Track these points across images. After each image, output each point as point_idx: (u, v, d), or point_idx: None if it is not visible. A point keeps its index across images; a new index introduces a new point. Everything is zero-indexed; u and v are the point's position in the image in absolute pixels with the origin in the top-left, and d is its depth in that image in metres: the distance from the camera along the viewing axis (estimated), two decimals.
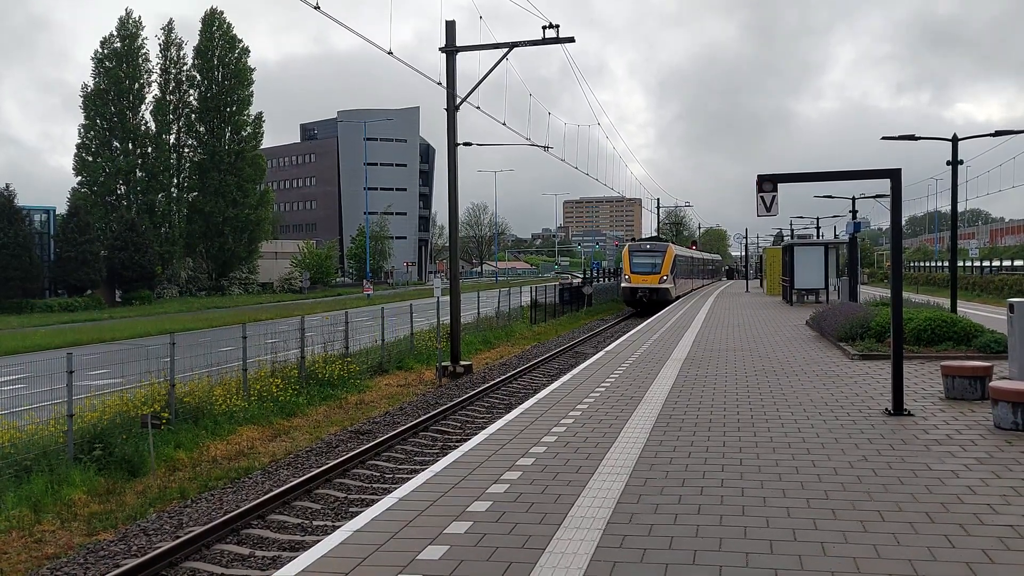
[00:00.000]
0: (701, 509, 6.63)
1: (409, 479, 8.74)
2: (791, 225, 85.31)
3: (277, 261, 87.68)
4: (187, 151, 73.81)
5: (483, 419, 15.87)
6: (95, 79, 68.28)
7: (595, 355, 18.61)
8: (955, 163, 23.69)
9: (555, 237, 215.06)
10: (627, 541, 5.91)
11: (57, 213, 61.41)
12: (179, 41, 73.54)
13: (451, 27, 22.77)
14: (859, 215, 40.31)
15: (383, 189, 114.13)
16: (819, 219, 71.46)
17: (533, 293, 39.44)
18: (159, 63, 72.33)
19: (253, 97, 75.80)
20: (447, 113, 23.16)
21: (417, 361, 23.84)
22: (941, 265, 66.45)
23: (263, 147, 79.95)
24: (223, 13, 75.61)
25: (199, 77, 73.79)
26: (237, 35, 75.63)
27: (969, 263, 59.84)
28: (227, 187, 72.16)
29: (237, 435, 14.69)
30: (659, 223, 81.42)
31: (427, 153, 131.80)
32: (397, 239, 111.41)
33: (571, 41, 22.94)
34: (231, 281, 75.83)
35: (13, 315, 48.54)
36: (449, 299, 23.71)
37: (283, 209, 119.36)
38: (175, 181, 73.16)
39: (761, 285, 62.12)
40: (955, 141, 23.65)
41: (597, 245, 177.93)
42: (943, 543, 5.74)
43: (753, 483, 7.37)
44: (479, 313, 33.95)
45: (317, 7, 14.36)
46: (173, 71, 72.98)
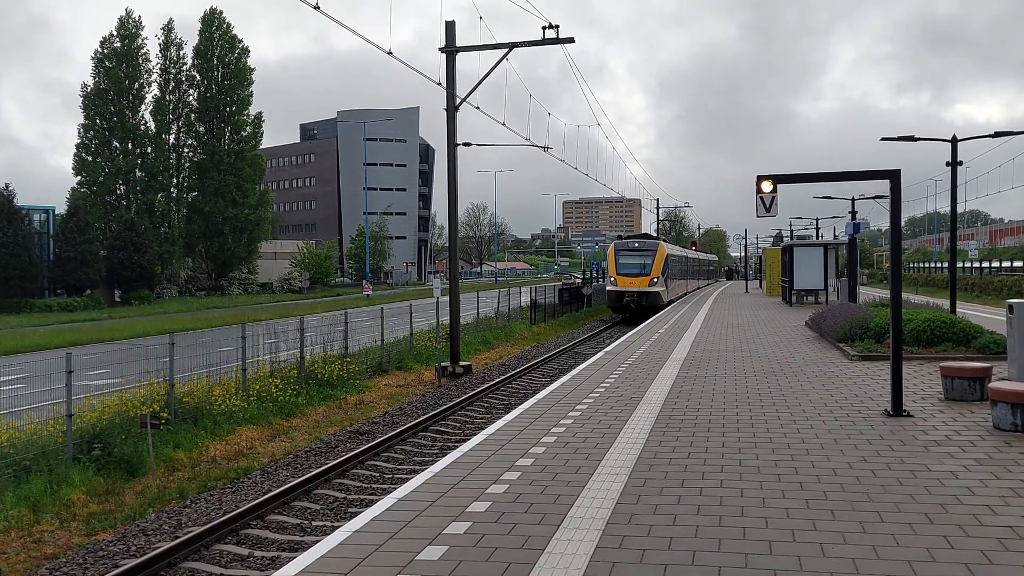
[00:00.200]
0: (700, 510, 6.63)
1: (408, 479, 8.74)
2: (791, 226, 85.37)
3: (276, 261, 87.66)
4: (187, 151, 73.85)
5: (482, 419, 15.87)
6: (95, 79, 68.32)
7: (594, 356, 18.62)
8: (954, 164, 23.71)
9: (554, 237, 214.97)
10: (626, 542, 5.91)
11: (56, 213, 61.43)
12: (179, 41, 73.65)
13: (451, 27, 22.78)
14: (858, 216, 40.31)
15: (383, 189, 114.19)
16: (818, 220, 71.44)
17: (532, 293, 39.42)
18: (159, 63, 72.45)
19: (253, 97, 75.91)
20: (447, 113, 23.16)
21: (416, 361, 23.84)
22: (940, 266, 66.47)
23: (263, 147, 79.97)
24: (223, 13, 75.70)
25: (199, 77, 73.79)
26: (237, 35, 75.73)
27: (968, 264, 59.88)
28: (227, 187, 72.15)
29: (236, 435, 14.69)
30: (658, 223, 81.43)
31: (427, 153, 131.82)
32: (397, 239, 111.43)
33: (571, 41, 22.96)
34: (230, 281, 75.81)
35: (12, 315, 48.53)
36: (448, 299, 23.72)
37: (283, 209, 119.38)
38: (175, 181, 73.18)
39: (760, 286, 62.19)
40: (954, 142, 23.67)
41: (596, 245, 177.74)
42: (942, 544, 5.74)
43: (752, 484, 7.37)
44: (478, 313, 33.95)
45: (317, 7, 14.37)
46: (173, 71, 73.03)
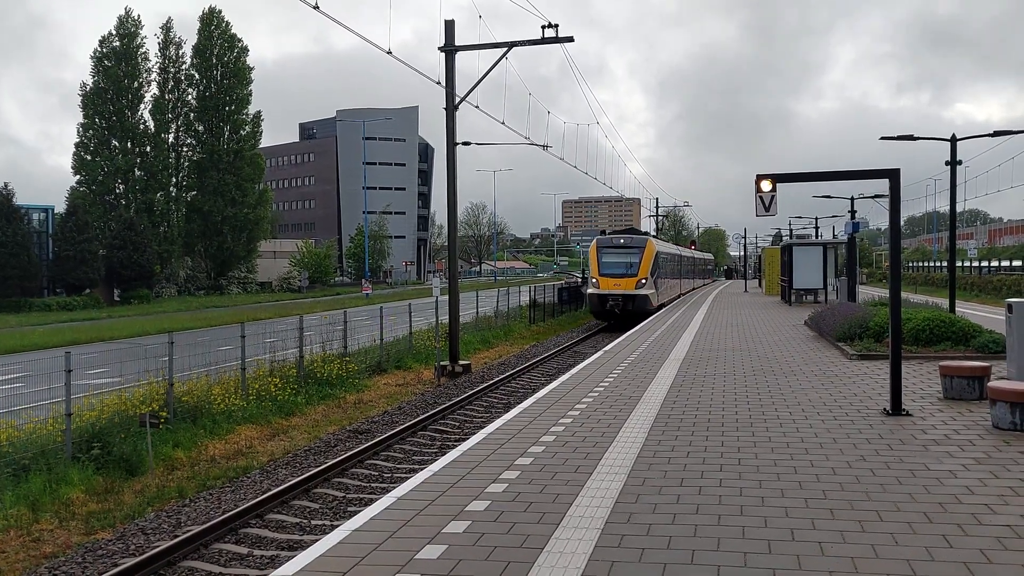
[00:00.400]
0: (699, 509, 6.63)
1: (408, 478, 8.73)
2: (790, 225, 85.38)
3: (276, 260, 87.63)
4: (186, 150, 73.81)
5: (482, 418, 15.87)
6: (94, 78, 68.26)
7: (594, 355, 18.61)
8: (954, 163, 23.71)
9: (554, 237, 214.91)
10: (625, 541, 5.91)
11: (56, 212, 61.40)
12: (178, 40, 73.56)
13: (450, 26, 22.77)
14: (858, 215, 40.36)
15: (382, 188, 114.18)
16: (818, 219, 71.52)
17: (532, 293, 39.40)
18: (158, 62, 72.40)
19: (252, 96, 75.77)
20: (446, 112, 23.15)
21: (416, 360, 23.84)
22: (940, 265, 66.49)
23: (262, 146, 79.91)
24: (221, 12, 75.60)
25: (198, 76, 73.72)
26: (236, 34, 75.65)
27: (968, 263, 59.90)
28: (226, 186, 72.11)
29: (235, 434, 14.69)
30: (658, 222, 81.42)
31: (426, 152, 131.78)
32: (396, 238, 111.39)
33: (570, 41, 22.96)
34: (230, 280, 75.78)
35: (11, 314, 48.52)
36: (448, 298, 23.72)
37: (282, 208, 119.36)
38: (174, 180, 73.18)
39: (760, 285, 62.19)
40: (954, 141, 23.67)
41: None
42: (941, 543, 5.75)
43: (751, 483, 7.37)
44: (478, 313, 33.95)
45: (316, 7, 14.35)
46: (172, 70, 72.98)
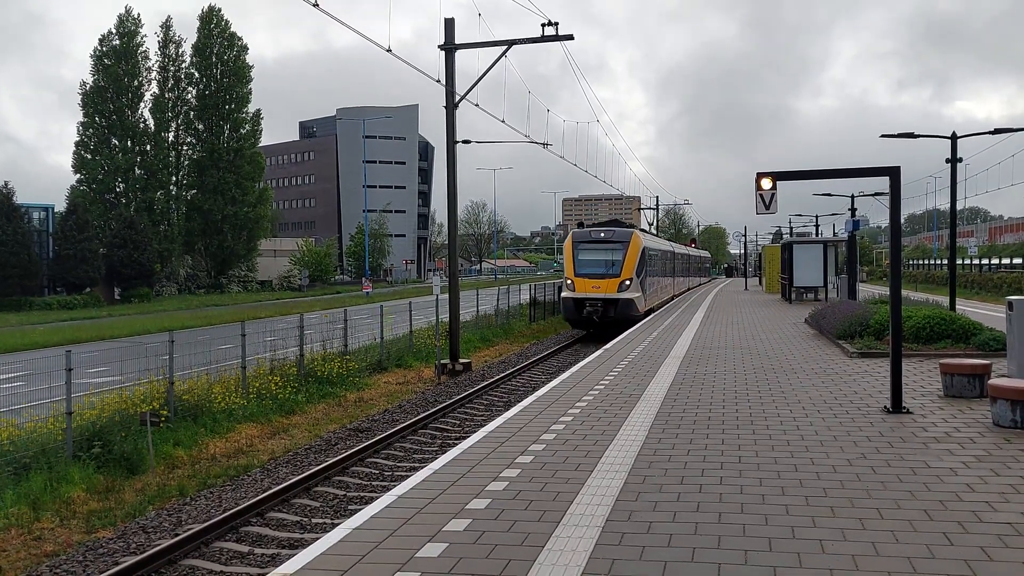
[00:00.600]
0: (700, 507, 6.63)
1: (408, 477, 8.74)
2: (790, 223, 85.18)
3: (276, 259, 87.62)
4: (186, 149, 73.79)
5: (482, 417, 15.87)
6: (94, 76, 68.20)
7: (594, 353, 18.61)
8: (954, 161, 23.70)
9: (554, 235, 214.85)
10: (626, 539, 5.91)
11: (56, 211, 61.38)
12: (178, 39, 73.49)
13: (450, 25, 22.76)
14: (858, 213, 40.33)
15: (382, 187, 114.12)
16: (818, 217, 71.40)
17: (532, 291, 39.40)
18: (158, 61, 72.34)
19: (252, 95, 75.70)
20: (446, 111, 23.14)
21: (416, 359, 23.84)
22: (940, 263, 66.49)
23: (262, 145, 79.85)
24: (221, 11, 75.52)
25: (197, 75, 73.66)
26: (236, 32, 75.59)
27: (968, 261, 59.87)
28: (226, 185, 72.08)
29: (236, 433, 14.70)
30: (658, 221, 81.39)
31: (426, 151, 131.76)
32: (396, 237, 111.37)
33: (570, 39, 22.94)
34: (230, 279, 75.78)
35: (12, 313, 48.52)
36: (448, 297, 23.72)
37: (282, 207, 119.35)
38: (174, 179, 73.15)
39: (760, 283, 62.20)
40: (954, 139, 23.66)
41: None
42: (942, 541, 5.75)
43: (752, 481, 7.37)
44: (478, 311, 33.94)
45: (316, 4, 14.34)
46: (172, 69, 72.91)
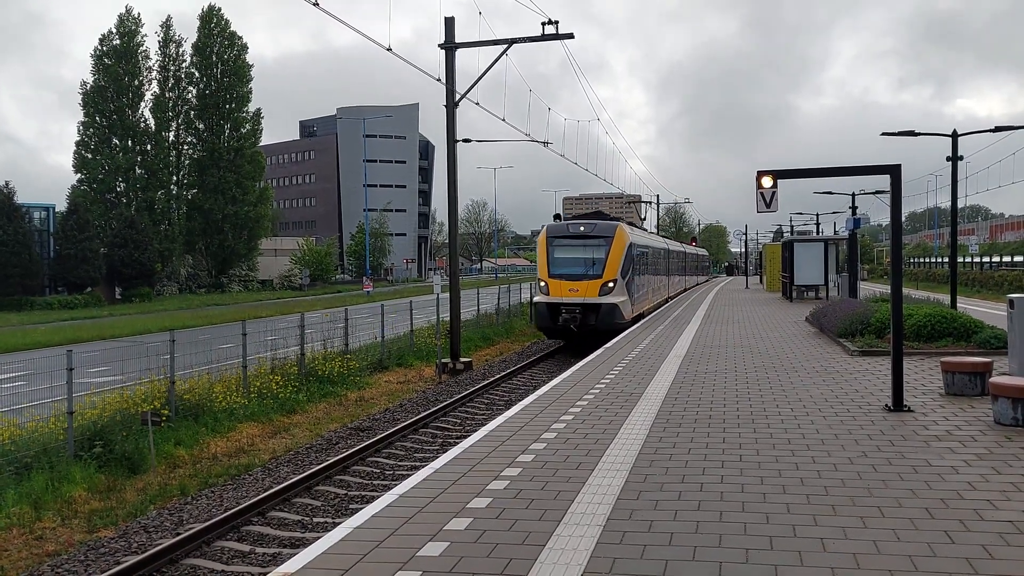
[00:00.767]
0: (701, 505, 6.63)
1: (409, 476, 8.74)
2: (791, 221, 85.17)
3: (277, 258, 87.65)
4: (186, 148, 73.80)
5: (483, 416, 15.88)
6: (94, 76, 68.20)
7: (595, 351, 18.61)
8: (955, 159, 23.68)
9: None
10: (627, 537, 5.91)
11: (57, 210, 61.40)
12: (178, 38, 73.50)
13: (450, 23, 22.76)
14: (859, 211, 40.29)
15: (383, 186, 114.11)
16: (819, 215, 71.40)
17: (533, 289, 39.39)
18: (158, 60, 72.34)
19: (252, 94, 75.75)
20: (446, 110, 23.15)
21: (417, 358, 23.85)
22: (941, 261, 66.44)
23: (262, 144, 79.87)
24: (221, 10, 75.53)
25: (198, 74, 73.68)
26: (236, 32, 75.61)
27: (969, 259, 59.84)
28: (226, 184, 72.11)
29: (237, 432, 14.71)
30: (658, 219, 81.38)
31: (426, 150, 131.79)
32: (397, 236, 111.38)
33: (570, 37, 22.96)
34: (231, 278, 75.82)
35: (13, 312, 48.55)
36: (449, 296, 23.72)
37: (283, 206, 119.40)
38: (174, 178, 73.15)
39: (761, 281, 62.19)
40: (955, 137, 23.64)
41: None
42: (943, 539, 5.75)
43: (753, 479, 7.37)
44: (479, 310, 33.94)
45: (316, 3, 14.35)
46: (172, 68, 72.92)
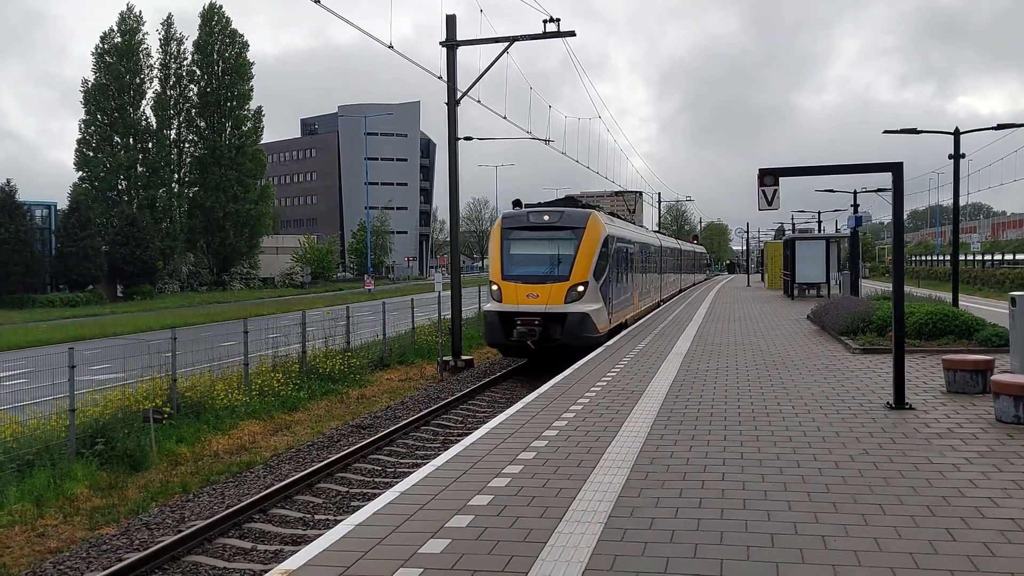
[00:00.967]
0: (702, 503, 6.63)
1: (411, 473, 8.74)
2: (792, 219, 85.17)
3: (278, 256, 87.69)
4: (188, 146, 73.81)
5: (484, 413, 15.88)
6: (95, 74, 68.21)
7: (596, 350, 18.61)
8: (957, 157, 23.67)
9: None
10: (628, 535, 5.91)
11: (58, 208, 61.45)
12: (179, 36, 73.53)
13: (452, 21, 22.74)
14: (861, 209, 40.28)
15: (384, 184, 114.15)
16: (820, 213, 71.48)
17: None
18: (159, 58, 72.34)
19: (253, 92, 75.78)
20: (447, 107, 23.13)
21: (418, 356, 23.85)
22: (943, 259, 66.39)
23: (263, 142, 79.84)
24: (222, 8, 75.52)
25: (199, 72, 73.68)
26: (236, 30, 75.60)
27: (971, 257, 59.81)
28: (228, 182, 72.13)
29: (239, 429, 14.72)
30: (660, 217, 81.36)
31: (428, 148, 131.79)
32: (398, 234, 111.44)
33: (572, 35, 22.92)
34: (232, 276, 75.87)
35: (14, 310, 48.58)
36: (450, 294, 23.71)
37: (284, 204, 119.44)
38: (176, 176, 73.18)
39: (762, 279, 62.16)
40: (957, 135, 23.62)
41: None
42: (944, 536, 5.74)
43: (754, 477, 7.37)
44: (480, 308, 33.92)
45: (317, 1, 14.34)
46: (173, 66, 72.92)
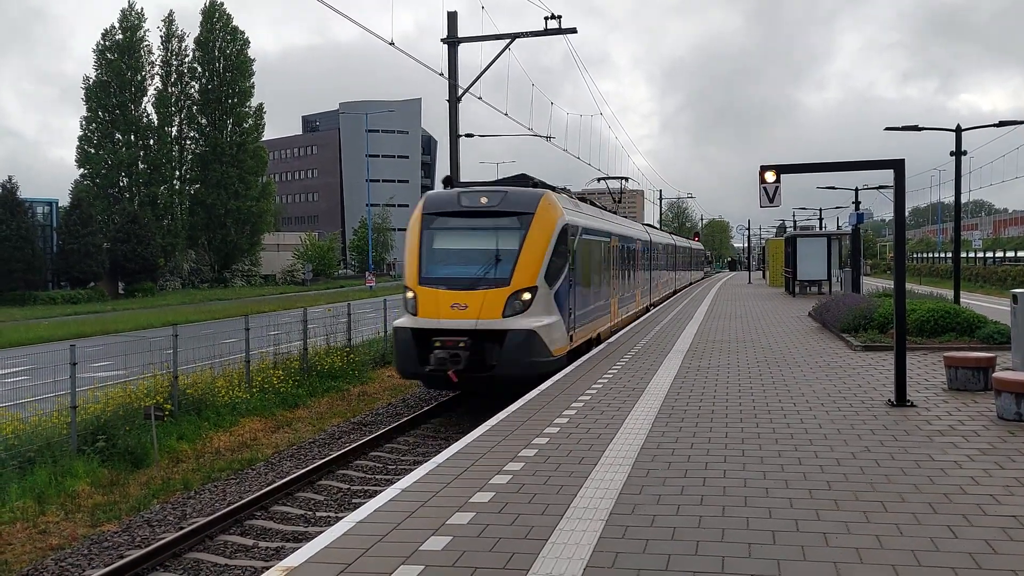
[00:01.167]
0: (704, 500, 6.63)
1: (412, 470, 8.74)
2: (794, 216, 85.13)
3: (279, 253, 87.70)
4: (189, 143, 73.76)
5: (486, 410, 15.86)
6: (97, 71, 68.13)
7: (597, 346, 18.60)
8: (958, 153, 23.64)
9: None
10: (629, 532, 5.91)
11: (59, 205, 61.45)
12: (180, 33, 73.43)
13: (453, 18, 22.71)
14: (862, 206, 40.23)
15: (385, 181, 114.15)
16: (822, 210, 71.37)
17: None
18: (160, 55, 72.27)
19: (254, 89, 75.70)
20: (449, 104, 23.10)
21: None
22: (944, 256, 66.34)
23: (265, 139, 79.82)
24: (223, 4, 75.42)
25: (200, 69, 73.62)
26: (238, 27, 75.55)
27: (972, 254, 59.75)
28: (229, 179, 72.11)
29: (240, 426, 14.72)
30: (661, 215, 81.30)
31: (429, 144, 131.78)
32: (399, 231, 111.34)
33: (573, 32, 22.88)
34: (233, 273, 75.88)
35: (16, 307, 48.58)
36: None
37: (285, 201, 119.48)
38: (177, 173, 73.12)
39: (764, 276, 62.13)
40: (959, 132, 23.59)
41: None
42: (946, 534, 5.74)
43: (755, 474, 7.37)
44: None
45: None
46: (174, 63, 72.83)
